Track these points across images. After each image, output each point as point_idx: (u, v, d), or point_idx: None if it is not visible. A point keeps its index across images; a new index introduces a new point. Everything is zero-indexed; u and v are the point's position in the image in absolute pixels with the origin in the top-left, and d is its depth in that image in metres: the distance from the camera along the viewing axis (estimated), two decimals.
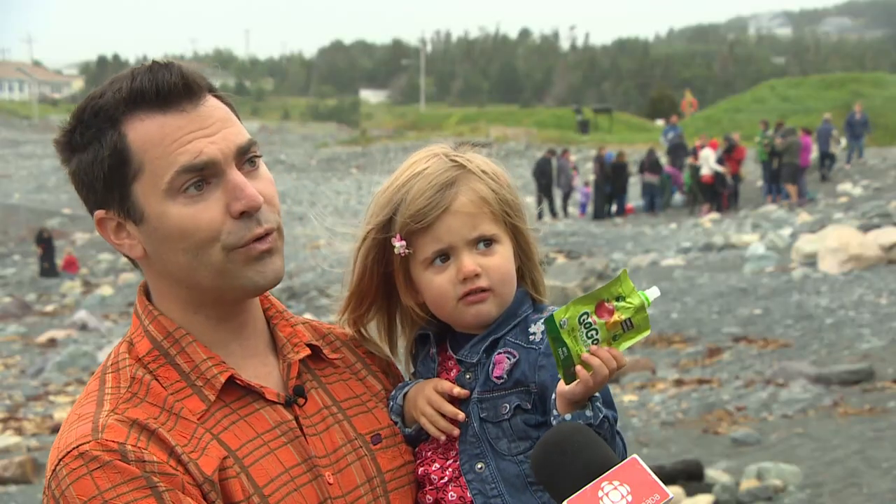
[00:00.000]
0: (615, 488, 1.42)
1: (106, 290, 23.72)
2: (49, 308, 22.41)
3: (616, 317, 1.57)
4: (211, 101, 1.65)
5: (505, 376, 1.74)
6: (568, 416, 1.60)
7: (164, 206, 1.60)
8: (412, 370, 1.91)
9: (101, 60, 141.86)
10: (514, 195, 1.83)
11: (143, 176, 1.60)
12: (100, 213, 1.66)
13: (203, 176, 1.60)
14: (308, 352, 1.77)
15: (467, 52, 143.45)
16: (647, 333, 1.57)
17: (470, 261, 1.76)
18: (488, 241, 1.77)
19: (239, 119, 1.69)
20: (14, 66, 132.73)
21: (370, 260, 1.83)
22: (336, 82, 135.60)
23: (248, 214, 1.62)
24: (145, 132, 1.59)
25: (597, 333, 1.58)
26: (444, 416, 1.77)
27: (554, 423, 1.64)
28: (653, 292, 1.58)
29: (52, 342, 17.56)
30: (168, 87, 1.60)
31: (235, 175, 1.62)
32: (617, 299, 1.58)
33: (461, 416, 1.75)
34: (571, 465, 1.46)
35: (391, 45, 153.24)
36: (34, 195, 46.13)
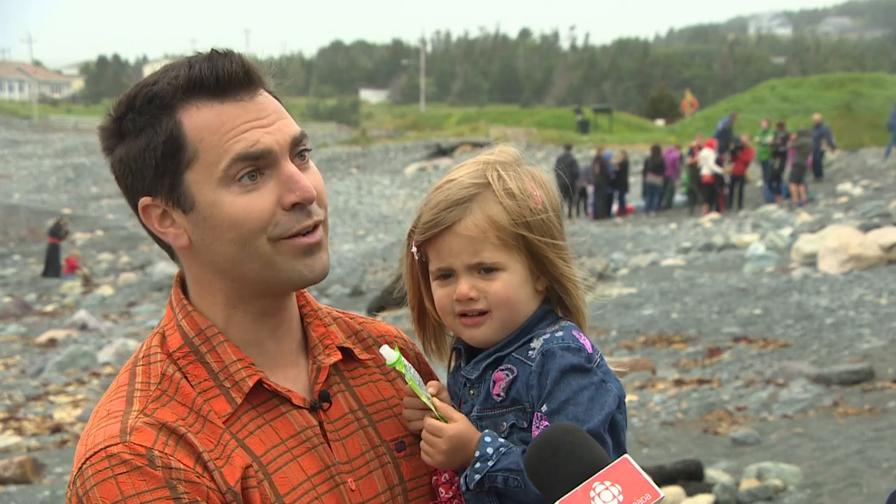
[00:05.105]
0: (606, 488, 1.42)
1: (106, 290, 23.72)
2: (49, 308, 22.40)
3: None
4: (264, 93, 1.65)
5: (503, 394, 1.72)
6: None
7: (216, 195, 1.59)
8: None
9: (101, 60, 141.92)
10: (548, 215, 1.77)
11: (197, 164, 1.59)
12: (146, 200, 1.63)
13: (258, 166, 1.59)
14: (339, 356, 1.76)
15: (467, 52, 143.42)
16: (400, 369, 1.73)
17: (466, 285, 1.74)
18: (489, 269, 1.74)
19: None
20: (14, 66, 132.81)
21: (407, 258, 1.84)
22: (336, 82, 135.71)
23: (299, 206, 1.61)
24: (202, 120, 1.58)
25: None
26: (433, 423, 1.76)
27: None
28: (385, 352, 1.73)
29: (52, 342, 17.56)
30: (228, 75, 1.59)
31: (290, 166, 1.62)
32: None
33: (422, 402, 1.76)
34: (563, 466, 1.46)
35: (391, 45, 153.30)
36: (34, 195, 46.14)
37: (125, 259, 28.82)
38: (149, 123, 1.59)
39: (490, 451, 1.66)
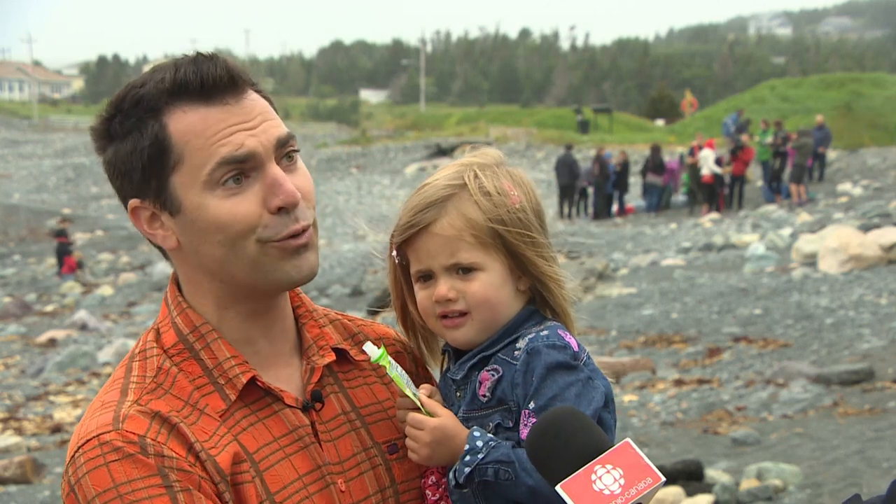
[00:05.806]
0: (608, 472, 1.43)
1: (106, 290, 23.72)
2: (49, 308, 22.41)
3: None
4: (252, 95, 1.65)
5: (488, 394, 1.72)
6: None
7: (202, 198, 1.59)
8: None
9: (101, 60, 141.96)
10: (525, 214, 1.76)
11: (183, 167, 1.59)
12: (134, 202, 1.64)
13: (242, 169, 1.60)
14: (332, 357, 1.76)
15: (467, 52, 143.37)
16: (390, 371, 1.73)
17: (444, 286, 1.74)
18: (466, 269, 1.74)
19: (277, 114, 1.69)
20: (14, 66, 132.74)
21: (389, 262, 1.85)
22: (336, 82, 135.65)
23: (285, 210, 1.61)
24: (187, 124, 1.59)
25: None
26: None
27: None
28: (368, 348, 1.72)
29: (52, 342, 17.57)
30: (213, 79, 1.59)
31: (274, 170, 1.62)
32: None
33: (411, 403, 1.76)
34: (565, 449, 1.47)
35: (391, 45, 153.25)
36: (34, 195, 46.17)
37: (125, 259, 28.81)
38: (135, 126, 1.60)
39: (480, 444, 1.66)
